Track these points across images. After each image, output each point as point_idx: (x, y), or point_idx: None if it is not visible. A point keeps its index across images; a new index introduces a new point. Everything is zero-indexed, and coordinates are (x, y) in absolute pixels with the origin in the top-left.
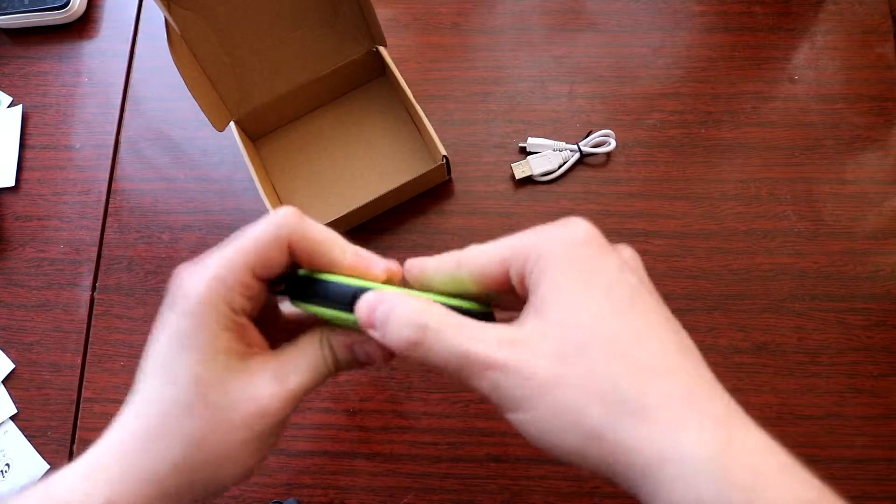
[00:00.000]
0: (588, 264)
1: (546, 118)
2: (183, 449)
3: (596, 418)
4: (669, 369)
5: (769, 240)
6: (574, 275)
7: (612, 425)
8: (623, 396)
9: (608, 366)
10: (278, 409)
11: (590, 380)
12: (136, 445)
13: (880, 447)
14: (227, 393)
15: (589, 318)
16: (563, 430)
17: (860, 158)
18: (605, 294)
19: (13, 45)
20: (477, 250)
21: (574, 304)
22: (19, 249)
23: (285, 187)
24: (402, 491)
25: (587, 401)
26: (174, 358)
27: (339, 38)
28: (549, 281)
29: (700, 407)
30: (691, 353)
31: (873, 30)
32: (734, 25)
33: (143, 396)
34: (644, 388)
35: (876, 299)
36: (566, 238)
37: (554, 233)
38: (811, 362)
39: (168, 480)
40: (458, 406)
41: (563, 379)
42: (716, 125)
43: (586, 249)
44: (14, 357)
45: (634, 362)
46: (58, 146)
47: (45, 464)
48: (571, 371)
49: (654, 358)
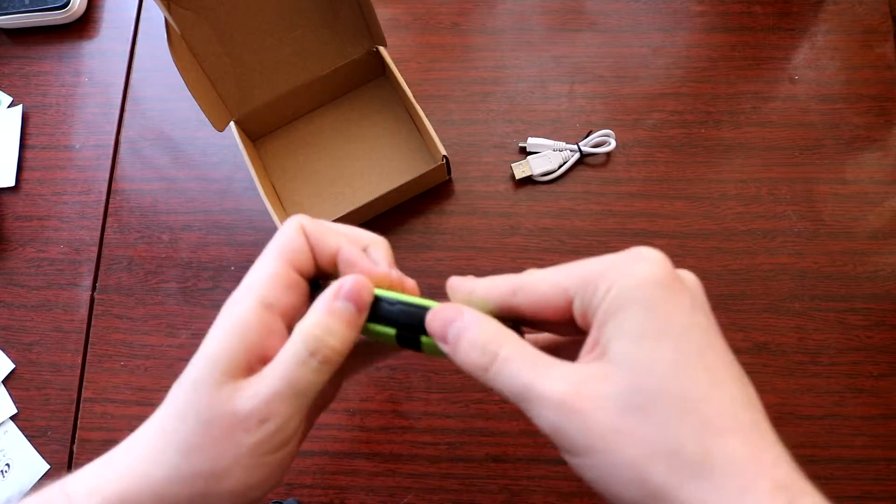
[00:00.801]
0: (661, 308)
1: (546, 118)
2: (176, 459)
3: (660, 477)
4: (736, 428)
5: (769, 240)
6: (645, 318)
7: (676, 485)
8: (690, 457)
9: (676, 423)
10: (255, 413)
11: (656, 437)
12: (142, 445)
13: (880, 447)
14: (224, 394)
15: (659, 368)
16: (624, 483)
17: (860, 158)
18: (677, 343)
19: (13, 45)
20: (538, 276)
21: (644, 351)
22: (19, 249)
23: (285, 187)
24: (402, 491)
25: (652, 458)
26: (187, 397)
27: (340, 38)
28: (619, 322)
29: (765, 471)
30: (754, 406)
31: (873, 30)
32: (734, 25)
33: (157, 413)
34: (711, 448)
35: (876, 299)
36: (640, 276)
37: (627, 267)
38: (811, 362)
39: (162, 489)
40: (457, 406)
41: (627, 433)
42: (716, 125)
43: (660, 291)
44: (14, 357)
45: (702, 420)
46: (58, 146)
47: (45, 464)
48: (637, 426)
49: (722, 417)
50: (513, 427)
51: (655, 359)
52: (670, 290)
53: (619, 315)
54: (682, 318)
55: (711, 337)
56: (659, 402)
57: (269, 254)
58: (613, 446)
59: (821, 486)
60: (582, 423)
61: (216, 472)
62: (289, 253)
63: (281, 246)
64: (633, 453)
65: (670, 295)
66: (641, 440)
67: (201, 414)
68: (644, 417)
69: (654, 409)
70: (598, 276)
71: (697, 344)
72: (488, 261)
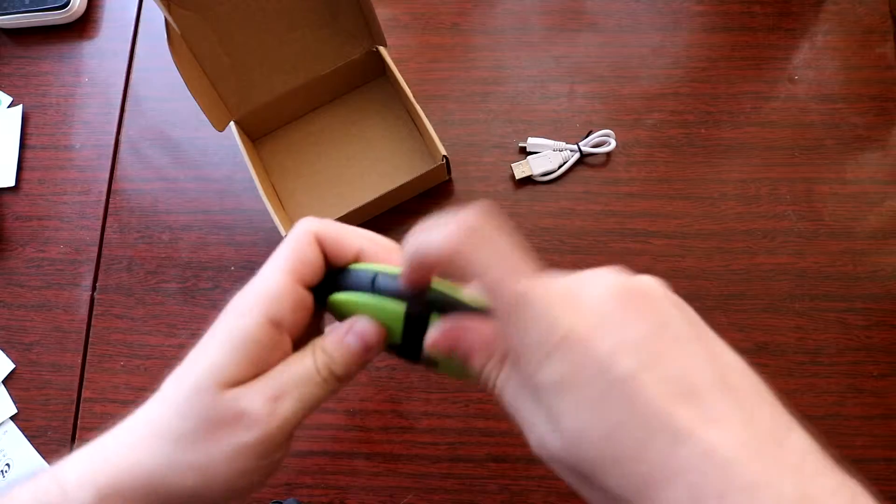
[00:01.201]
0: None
1: (546, 118)
2: (169, 451)
3: None
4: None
5: (769, 240)
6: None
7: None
8: None
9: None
10: (259, 417)
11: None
12: (134, 434)
13: (880, 447)
14: (219, 402)
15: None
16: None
17: (860, 158)
18: (590, 379)
19: (13, 45)
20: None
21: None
22: (19, 249)
23: (285, 187)
24: (402, 491)
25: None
26: (193, 362)
27: (340, 38)
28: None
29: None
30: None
31: (873, 30)
32: (734, 25)
33: (159, 393)
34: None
35: (876, 299)
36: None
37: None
38: (811, 362)
39: (151, 478)
40: (457, 406)
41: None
42: (716, 125)
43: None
44: (14, 357)
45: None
46: (58, 146)
47: (45, 464)
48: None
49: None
50: (513, 427)
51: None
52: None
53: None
54: (599, 364)
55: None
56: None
57: (279, 265)
58: None
59: None
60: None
61: (211, 466)
62: (300, 267)
63: (293, 259)
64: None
65: (587, 352)
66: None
67: (204, 413)
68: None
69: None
70: None
71: (620, 385)
72: None
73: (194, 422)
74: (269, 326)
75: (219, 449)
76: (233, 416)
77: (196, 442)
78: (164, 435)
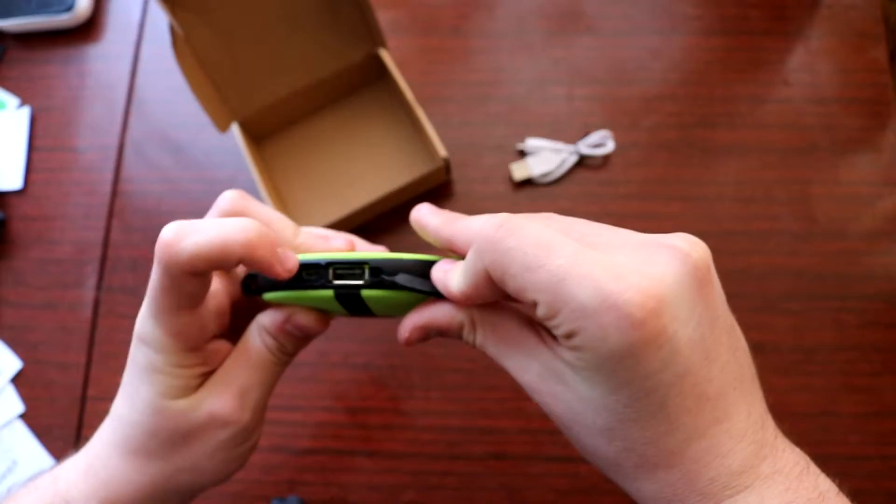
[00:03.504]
0: (628, 372)
1: (545, 120)
2: (155, 464)
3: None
4: (676, 463)
5: (765, 240)
6: (607, 378)
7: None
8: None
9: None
10: (231, 415)
11: (602, 450)
12: (117, 454)
13: (874, 444)
14: (184, 414)
15: (609, 414)
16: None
17: (854, 160)
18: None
19: (20, 48)
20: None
21: (598, 395)
22: (26, 250)
23: (287, 188)
24: (403, 488)
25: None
26: (137, 387)
27: (340, 40)
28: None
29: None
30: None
31: (866, 33)
32: (730, 29)
33: (116, 412)
34: (642, 478)
35: (870, 299)
36: (611, 342)
37: (599, 328)
38: (806, 361)
39: (147, 488)
40: (458, 404)
41: (580, 436)
42: (712, 127)
43: (631, 359)
44: (21, 356)
45: (643, 457)
46: (64, 148)
47: (51, 460)
48: (587, 437)
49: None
50: (512, 425)
51: (608, 407)
52: (638, 360)
53: (582, 364)
54: (644, 384)
55: (681, 385)
56: (605, 435)
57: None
58: (575, 433)
59: None
60: (549, 410)
61: (198, 465)
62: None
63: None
64: (589, 444)
65: (636, 366)
66: (590, 445)
67: (172, 426)
68: (590, 436)
69: (600, 438)
70: (564, 313)
71: (658, 403)
72: None
73: (167, 435)
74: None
75: (200, 450)
76: (204, 422)
77: (174, 451)
78: (140, 452)
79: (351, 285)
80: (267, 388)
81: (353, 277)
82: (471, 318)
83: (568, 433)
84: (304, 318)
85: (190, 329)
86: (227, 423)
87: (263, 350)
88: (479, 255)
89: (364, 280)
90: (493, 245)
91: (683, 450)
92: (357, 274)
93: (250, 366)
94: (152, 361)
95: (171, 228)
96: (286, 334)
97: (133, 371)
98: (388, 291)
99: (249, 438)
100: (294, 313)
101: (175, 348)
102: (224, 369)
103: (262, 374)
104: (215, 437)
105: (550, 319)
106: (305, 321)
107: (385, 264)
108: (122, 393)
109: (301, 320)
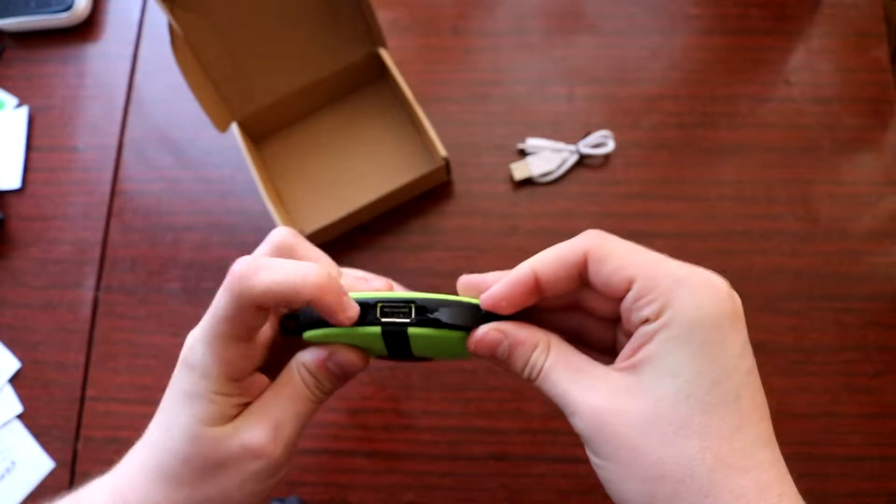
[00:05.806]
0: (711, 353)
1: (545, 120)
2: (184, 492)
3: (664, 498)
4: (749, 467)
5: (766, 240)
6: (691, 361)
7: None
8: (696, 487)
9: (690, 456)
10: (264, 447)
11: (669, 463)
12: (147, 478)
13: (875, 445)
14: (219, 441)
15: (688, 406)
16: (633, 494)
17: (855, 160)
18: (714, 383)
19: (18, 48)
20: (601, 265)
21: (679, 387)
22: (24, 250)
23: (287, 188)
24: (403, 489)
25: (661, 480)
26: (176, 412)
27: (340, 40)
28: (665, 350)
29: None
30: (771, 442)
31: (868, 33)
32: (731, 28)
33: (150, 438)
34: (718, 483)
35: (871, 299)
36: (701, 314)
37: (692, 297)
38: (807, 361)
39: None
40: (458, 405)
41: (645, 453)
42: (713, 127)
43: (716, 335)
44: (19, 356)
45: (718, 458)
46: (62, 147)
47: (50, 461)
48: (655, 449)
49: (739, 456)
50: (513, 425)
51: (689, 395)
52: (726, 336)
53: (667, 344)
54: (727, 364)
55: (750, 379)
56: (680, 434)
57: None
58: (630, 461)
59: (816, 484)
60: (608, 435)
61: (226, 495)
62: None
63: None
64: (646, 472)
65: (724, 341)
66: (656, 462)
67: (206, 454)
68: (662, 444)
69: (674, 440)
70: (668, 286)
71: (735, 391)
72: (487, 261)
73: (200, 463)
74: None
75: (230, 481)
76: (237, 453)
77: (205, 480)
78: (171, 479)
79: (399, 322)
80: (300, 425)
81: (400, 316)
82: (548, 341)
83: (626, 460)
84: (345, 356)
85: (239, 359)
86: (260, 455)
87: (301, 386)
88: (583, 238)
89: (410, 318)
90: (600, 234)
91: (753, 453)
92: (404, 312)
93: (287, 400)
94: (196, 386)
95: (245, 261)
96: (326, 372)
97: (173, 397)
98: (432, 330)
99: (278, 473)
100: (336, 351)
101: (221, 375)
102: (261, 402)
103: (298, 410)
104: (247, 469)
105: (644, 296)
106: (347, 359)
107: (430, 303)
108: (157, 419)
109: (342, 358)
